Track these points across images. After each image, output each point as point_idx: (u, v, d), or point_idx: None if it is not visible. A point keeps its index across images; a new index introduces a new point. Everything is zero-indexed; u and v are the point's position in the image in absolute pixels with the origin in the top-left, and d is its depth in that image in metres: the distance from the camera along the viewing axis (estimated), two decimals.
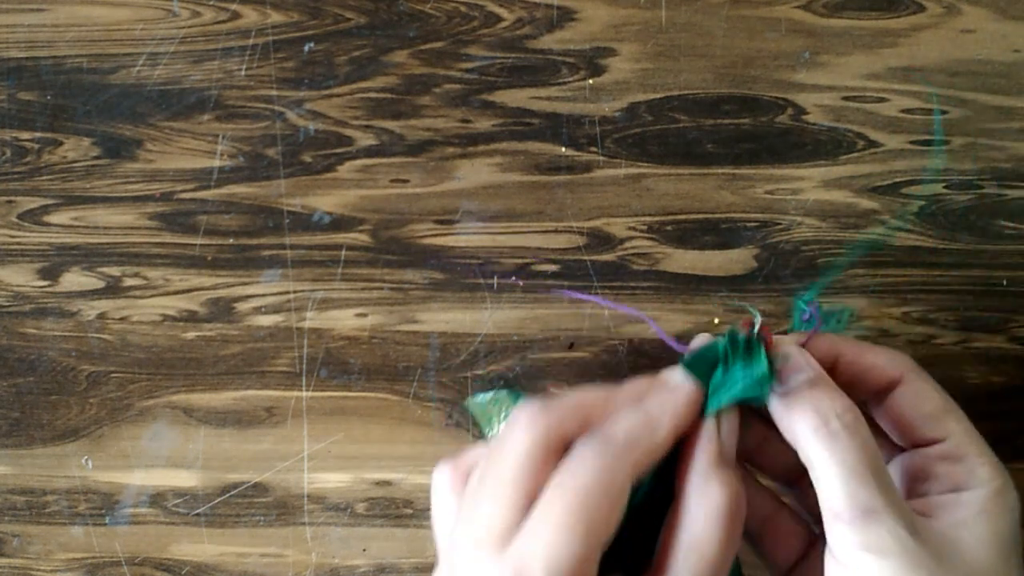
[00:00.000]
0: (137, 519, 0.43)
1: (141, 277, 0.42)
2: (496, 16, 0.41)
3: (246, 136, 0.42)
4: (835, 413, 0.29)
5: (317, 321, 0.42)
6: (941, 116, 0.40)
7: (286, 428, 0.43)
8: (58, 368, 0.43)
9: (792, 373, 0.30)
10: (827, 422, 0.29)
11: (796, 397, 0.30)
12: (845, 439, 0.29)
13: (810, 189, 0.41)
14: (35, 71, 0.42)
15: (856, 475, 0.28)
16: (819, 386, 0.30)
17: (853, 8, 0.40)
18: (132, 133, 0.42)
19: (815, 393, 0.30)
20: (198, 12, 0.41)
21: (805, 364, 0.31)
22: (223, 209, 0.42)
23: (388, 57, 0.41)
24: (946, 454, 0.31)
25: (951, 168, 0.41)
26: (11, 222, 0.42)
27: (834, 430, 0.29)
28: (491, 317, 0.42)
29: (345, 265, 0.42)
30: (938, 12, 0.40)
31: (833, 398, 0.30)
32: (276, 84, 0.42)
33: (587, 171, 0.41)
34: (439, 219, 0.42)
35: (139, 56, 0.42)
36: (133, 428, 0.43)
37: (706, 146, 0.41)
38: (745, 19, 0.41)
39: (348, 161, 0.42)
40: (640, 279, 0.41)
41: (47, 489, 0.43)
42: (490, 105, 0.41)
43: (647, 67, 0.41)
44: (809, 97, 0.41)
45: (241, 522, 0.43)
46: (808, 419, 0.29)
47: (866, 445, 0.29)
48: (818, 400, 0.30)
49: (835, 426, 0.29)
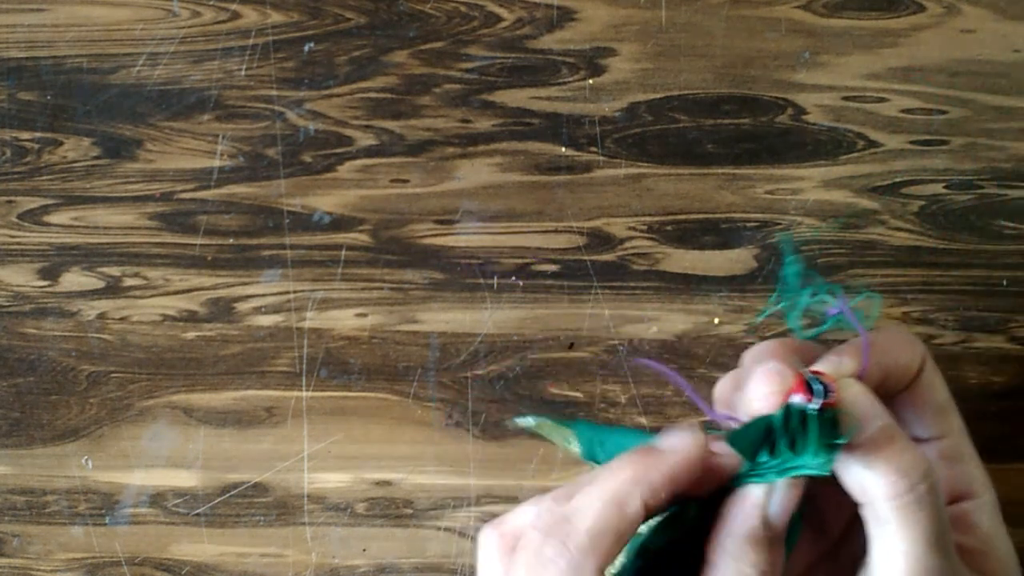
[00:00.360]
0: (137, 519, 0.43)
1: (141, 277, 0.42)
2: (496, 16, 0.41)
3: (246, 136, 0.42)
4: (921, 474, 0.26)
5: (317, 321, 0.42)
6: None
7: (286, 428, 0.43)
8: (58, 368, 0.43)
9: (864, 422, 0.27)
10: (912, 488, 0.26)
11: (873, 455, 0.26)
12: (929, 507, 0.26)
13: (810, 189, 0.41)
14: (35, 71, 0.42)
15: (934, 545, 0.26)
16: (896, 440, 0.26)
17: (853, 8, 0.40)
18: (132, 133, 0.42)
19: (894, 451, 0.26)
20: (198, 12, 0.41)
21: (877, 408, 0.27)
22: (223, 209, 0.42)
23: (388, 57, 0.41)
24: (945, 453, 0.30)
25: (951, 168, 0.41)
26: (11, 222, 0.42)
27: (919, 497, 0.26)
28: (491, 317, 0.42)
29: (345, 265, 0.42)
30: (938, 12, 0.40)
31: (915, 457, 0.26)
32: (276, 84, 0.42)
33: (587, 171, 0.41)
34: (439, 219, 0.42)
35: (139, 56, 0.42)
36: (133, 428, 0.43)
37: (706, 146, 0.41)
38: (745, 19, 0.41)
39: (348, 161, 0.42)
40: (640, 279, 0.41)
41: (47, 489, 0.43)
42: (490, 105, 0.41)
43: (647, 67, 0.41)
44: (809, 97, 0.41)
45: (241, 522, 0.43)
46: (890, 484, 0.26)
47: (943, 510, 0.26)
48: (899, 460, 0.26)
49: (920, 492, 0.26)
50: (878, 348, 0.29)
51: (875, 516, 0.27)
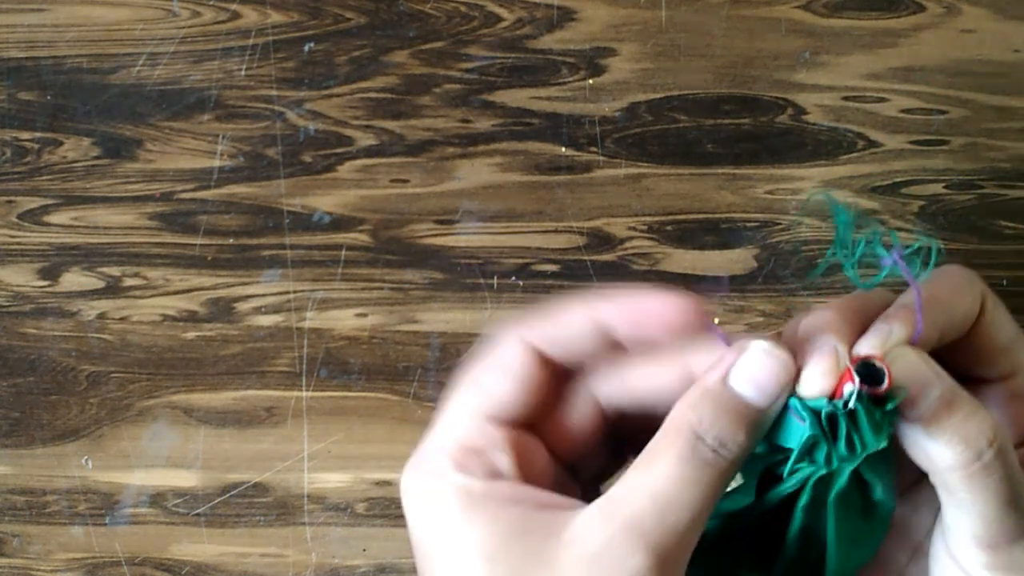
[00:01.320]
0: (137, 519, 0.43)
1: (141, 277, 0.42)
2: (496, 16, 0.41)
3: (246, 136, 0.42)
4: (987, 441, 0.24)
5: (317, 321, 0.42)
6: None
7: (286, 428, 0.43)
8: (58, 368, 0.43)
9: (921, 392, 0.25)
10: (980, 455, 0.24)
11: (935, 427, 0.25)
12: (999, 471, 0.24)
13: (810, 189, 0.41)
14: (35, 71, 0.42)
15: (1008, 505, 0.25)
16: (957, 407, 0.25)
17: (853, 8, 0.40)
18: (132, 133, 0.42)
19: (957, 419, 0.25)
20: (198, 12, 0.41)
21: (934, 376, 0.25)
22: (223, 209, 0.42)
23: (388, 57, 0.41)
24: (1017, 390, 0.28)
25: (951, 168, 0.41)
26: (11, 222, 0.42)
27: (987, 463, 0.24)
28: (491, 317, 0.42)
29: (345, 265, 0.42)
30: (938, 12, 0.40)
31: (981, 420, 0.25)
32: (276, 84, 0.42)
33: (587, 171, 0.41)
34: (439, 219, 0.42)
35: (139, 56, 0.42)
36: (133, 428, 0.43)
37: (706, 146, 0.41)
38: (745, 19, 0.41)
39: (348, 161, 0.42)
40: (640, 279, 0.41)
41: (47, 489, 0.43)
42: (490, 105, 0.41)
43: (647, 67, 0.41)
44: (809, 97, 0.41)
45: (241, 522, 0.43)
46: (957, 452, 0.24)
47: (1015, 467, 0.25)
48: (964, 427, 0.25)
49: (988, 458, 0.24)
50: (933, 302, 0.27)
51: (944, 484, 0.25)
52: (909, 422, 0.25)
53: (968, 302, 0.27)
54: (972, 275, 0.28)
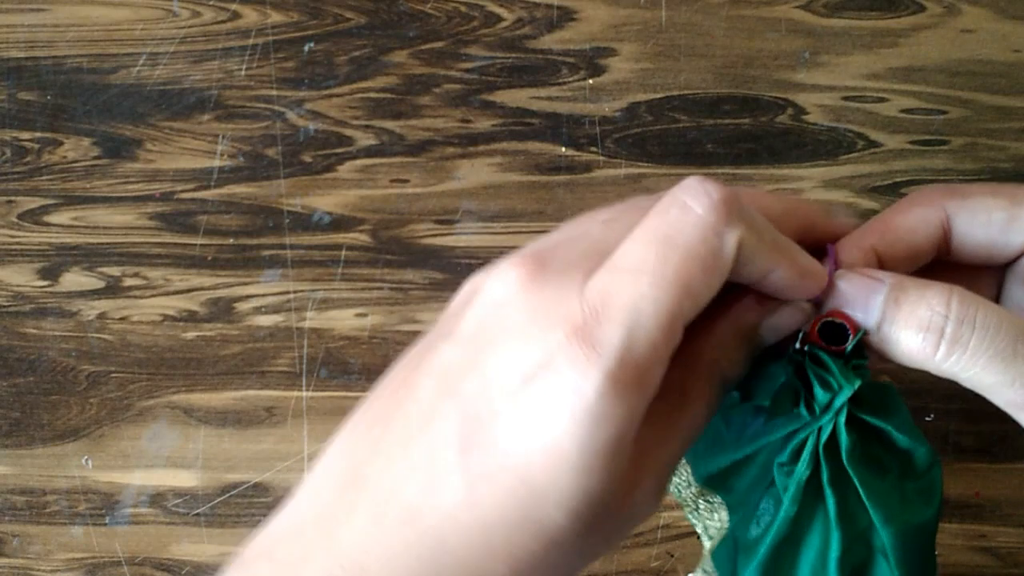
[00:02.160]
0: (137, 519, 0.43)
1: (141, 277, 0.42)
2: (496, 16, 0.41)
3: (246, 136, 0.42)
4: (939, 312, 0.24)
5: (317, 321, 0.42)
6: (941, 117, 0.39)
7: (286, 428, 0.43)
8: (58, 368, 0.43)
9: (865, 304, 0.25)
10: (938, 332, 0.24)
11: (891, 325, 0.25)
12: (972, 340, 0.24)
13: (810, 189, 0.41)
14: (35, 71, 0.42)
15: (1009, 362, 0.24)
16: (903, 297, 0.25)
17: (853, 8, 0.40)
18: (132, 133, 0.42)
19: (905, 309, 0.25)
20: (198, 12, 0.41)
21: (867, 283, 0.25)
22: (223, 209, 0.42)
23: (388, 57, 0.41)
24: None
25: (951, 168, 0.41)
26: (11, 222, 0.42)
27: (953, 337, 0.24)
28: None
29: (345, 265, 0.42)
30: (938, 12, 0.40)
31: (924, 296, 0.24)
32: (276, 84, 0.42)
33: (587, 171, 0.41)
34: (439, 219, 0.42)
35: (139, 56, 0.42)
36: (133, 428, 0.43)
37: (706, 146, 0.41)
38: (745, 19, 0.41)
39: (348, 161, 0.42)
40: None
41: (47, 489, 0.43)
42: (490, 105, 0.41)
43: (647, 67, 0.41)
44: (809, 97, 0.41)
45: (241, 522, 0.43)
46: (920, 340, 0.24)
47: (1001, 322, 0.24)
48: (916, 313, 0.24)
49: (951, 332, 0.24)
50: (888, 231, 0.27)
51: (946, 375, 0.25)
52: (875, 337, 0.25)
53: (922, 229, 0.27)
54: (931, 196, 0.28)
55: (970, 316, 0.24)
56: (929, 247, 0.27)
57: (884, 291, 0.25)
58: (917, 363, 0.25)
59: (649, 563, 0.42)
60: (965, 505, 0.41)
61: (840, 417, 0.26)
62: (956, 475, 0.41)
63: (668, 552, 0.42)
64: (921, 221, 0.27)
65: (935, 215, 0.27)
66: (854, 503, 0.27)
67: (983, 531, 0.42)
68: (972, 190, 0.27)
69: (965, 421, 0.38)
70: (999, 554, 0.42)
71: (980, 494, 0.41)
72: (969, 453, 0.41)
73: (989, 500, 0.41)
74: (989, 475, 0.41)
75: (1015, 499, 0.41)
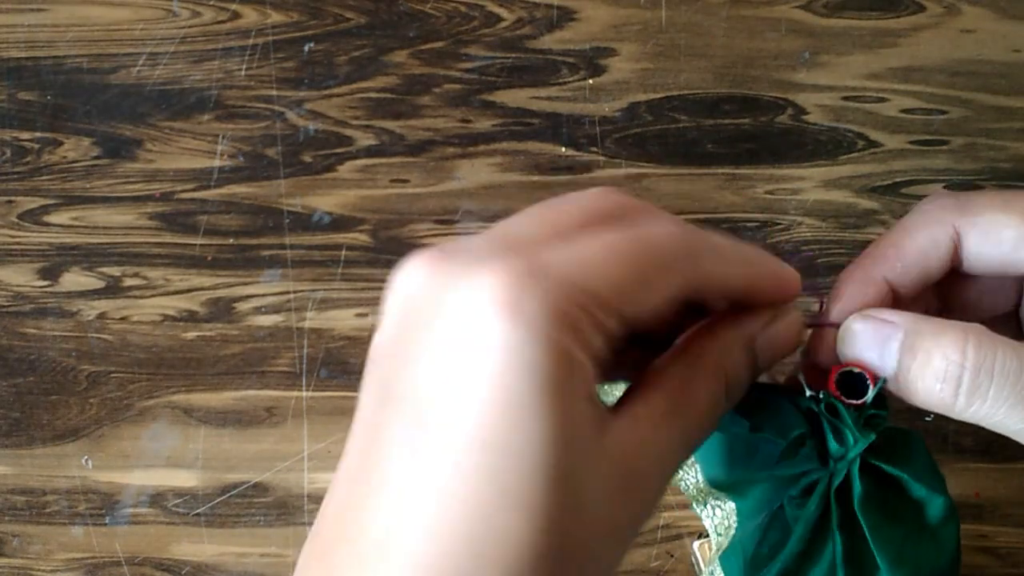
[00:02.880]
0: (137, 519, 0.43)
1: (141, 277, 0.42)
2: (496, 16, 0.41)
3: (246, 136, 0.42)
4: (955, 362, 0.24)
5: (317, 321, 0.42)
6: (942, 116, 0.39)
7: (286, 428, 0.43)
8: (58, 368, 0.43)
9: (881, 350, 0.25)
10: (955, 382, 0.24)
11: (908, 374, 0.24)
12: (992, 389, 0.24)
13: (810, 189, 0.41)
14: (35, 71, 0.42)
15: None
16: (918, 345, 0.24)
17: (853, 8, 0.40)
18: (132, 133, 0.42)
19: (920, 359, 0.24)
20: (198, 12, 0.41)
21: (882, 329, 0.25)
22: (223, 209, 0.42)
23: (388, 57, 0.41)
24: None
25: (951, 168, 0.41)
26: (11, 222, 0.42)
27: (971, 387, 0.24)
28: None
29: (345, 265, 0.42)
30: (938, 12, 0.40)
31: (939, 345, 0.24)
32: (276, 84, 0.42)
33: (587, 171, 0.41)
34: (439, 219, 0.42)
35: (139, 56, 0.42)
36: (133, 428, 0.43)
37: (706, 146, 0.41)
38: (745, 19, 0.41)
39: (348, 161, 0.42)
40: None
41: (47, 489, 0.43)
42: (490, 105, 0.41)
43: (647, 67, 0.41)
44: (809, 97, 0.41)
45: (241, 522, 0.43)
46: (934, 393, 0.24)
47: (1023, 366, 0.24)
48: (930, 366, 0.24)
49: (968, 381, 0.24)
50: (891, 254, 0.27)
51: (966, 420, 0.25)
52: (893, 385, 0.25)
53: (933, 252, 0.27)
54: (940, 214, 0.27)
55: (987, 364, 0.24)
56: (941, 267, 0.27)
57: (900, 337, 0.25)
58: (938, 411, 0.25)
59: (649, 563, 0.42)
60: (965, 505, 0.41)
61: (854, 467, 0.25)
62: (956, 475, 0.41)
63: (668, 552, 0.42)
64: (932, 244, 0.27)
65: (945, 235, 0.27)
66: (862, 548, 0.26)
67: (983, 531, 0.42)
68: (982, 205, 0.27)
69: (965, 427, 0.38)
70: (999, 554, 0.42)
71: (980, 494, 0.41)
72: (969, 453, 0.41)
73: (989, 500, 0.41)
74: (989, 475, 0.41)
75: (1015, 499, 0.41)
